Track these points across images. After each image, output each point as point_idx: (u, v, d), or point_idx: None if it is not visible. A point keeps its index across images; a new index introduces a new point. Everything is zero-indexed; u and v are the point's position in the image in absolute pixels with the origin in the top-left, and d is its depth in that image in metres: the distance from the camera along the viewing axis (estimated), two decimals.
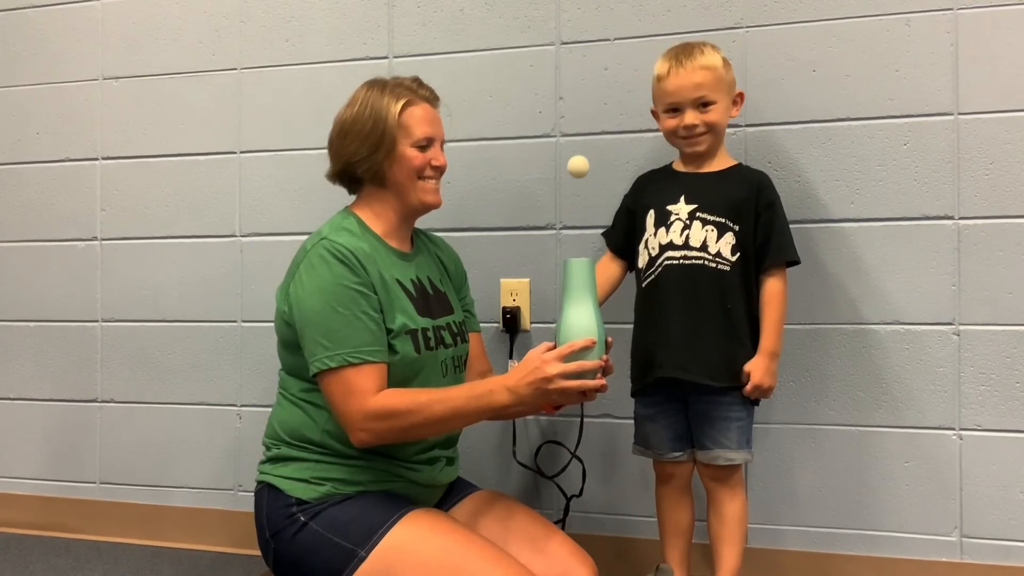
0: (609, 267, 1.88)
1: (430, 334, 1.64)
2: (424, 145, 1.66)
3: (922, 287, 1.92)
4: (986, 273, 1.89)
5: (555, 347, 1.51)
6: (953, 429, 1.92)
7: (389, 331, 1.58)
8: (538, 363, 1.48)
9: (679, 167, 1.84)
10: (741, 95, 1.81)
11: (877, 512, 1.96)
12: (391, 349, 1.57)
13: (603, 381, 1.51)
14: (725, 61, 1.77)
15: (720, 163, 1.80)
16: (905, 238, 1.93)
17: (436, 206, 1.72)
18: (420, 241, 1.80)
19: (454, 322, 1.73)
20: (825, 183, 1.97)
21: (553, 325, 2.13)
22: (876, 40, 1.95)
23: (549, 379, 1.46)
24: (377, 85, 1.68)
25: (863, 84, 1.96)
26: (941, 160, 1.91)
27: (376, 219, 1.68)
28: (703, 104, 1.74)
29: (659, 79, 1.78)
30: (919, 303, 1.93)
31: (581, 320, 1.51)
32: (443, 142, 1.73)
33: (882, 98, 1.95)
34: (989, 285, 1.89)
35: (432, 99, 1.72)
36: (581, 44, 2.13)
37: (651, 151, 2.02)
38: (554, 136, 2.15)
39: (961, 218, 1.91)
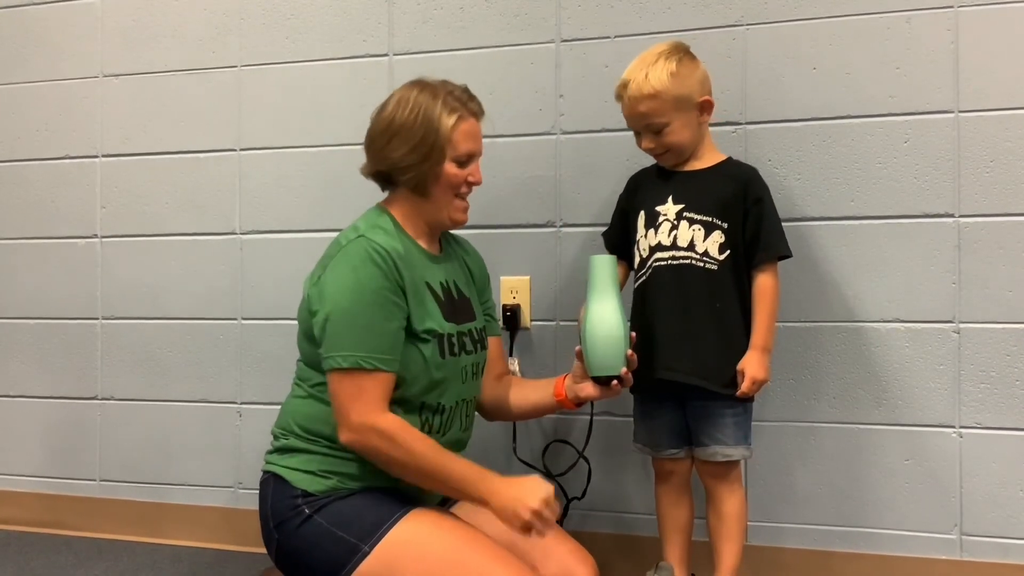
0: None
1: (454, 340, 1.64)
2: (464, 161, 1.66)
3: (922, 285, 1.92)
4: (986, 271, 1.89)
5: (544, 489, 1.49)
6: (953, 427, 1.92)
7: (416, 332, 1.58)
8: (530, 500, 1.46)
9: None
10: (707, 102, 1.75)
11: (877, 510, 1.96)
12: (417, 351, 1.57)
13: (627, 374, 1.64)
14: (676, 74, 1.69)
15: (708, 159, 1.79)
16: (905, 236, 1.93)
17: (462, 224, 1.72)
18: (448, 244, 1.79)
19: (475, 329, 1.73)
20: (825, 181, 1.97)
21: (553, 323, 2.15)
22: (877, 37, 1.95)
23: (531, 511, 1.46)
24: (428, 90, 1.64)
25: (863, 82, 1.96)
26: (941, 158, 1.91)
27: (407, 221, 1.67)
28: (655, 128, 1.73)
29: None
30: (919, 301, 1.93)
31: (605, 315, 1.62)
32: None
33: (882, 96, 1.95)
34: (989, 283, 1.89)
35: (479, 113, 1.69)
36: (581, 42, 2.13)
37: None
38: (554, 134, 2.15)
39: (961, 216, 1.91)
